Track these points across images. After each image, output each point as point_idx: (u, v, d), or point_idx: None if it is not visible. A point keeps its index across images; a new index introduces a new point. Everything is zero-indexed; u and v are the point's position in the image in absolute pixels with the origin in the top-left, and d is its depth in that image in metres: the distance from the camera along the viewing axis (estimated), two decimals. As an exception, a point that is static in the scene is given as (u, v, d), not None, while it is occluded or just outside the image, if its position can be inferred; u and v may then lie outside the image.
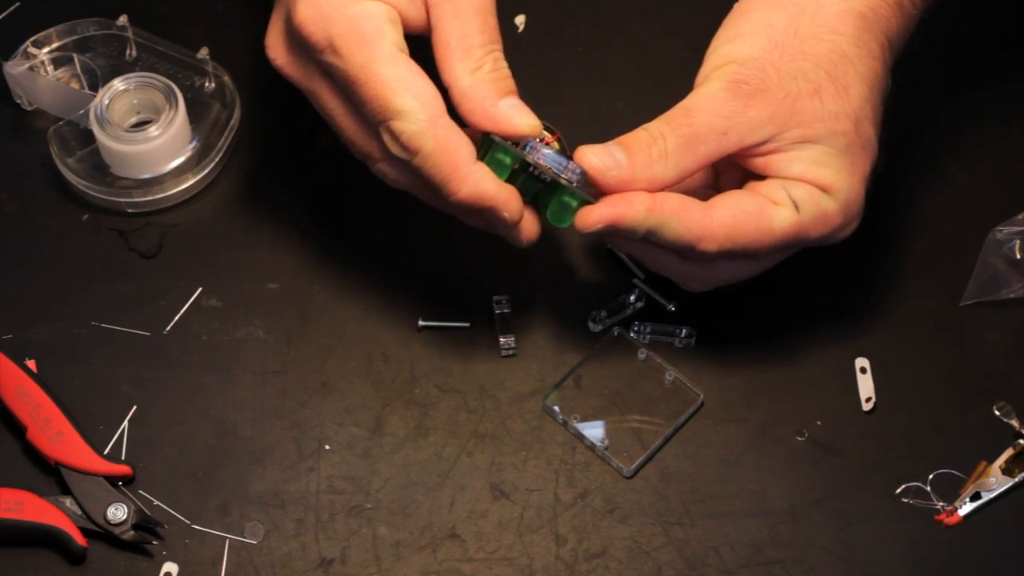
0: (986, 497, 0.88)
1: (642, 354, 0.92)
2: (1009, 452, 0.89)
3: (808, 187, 0.84)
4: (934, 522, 0.87)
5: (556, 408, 0.90)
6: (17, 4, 1.05)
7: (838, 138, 0.84)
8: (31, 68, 0.99)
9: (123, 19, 1.01)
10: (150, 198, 0.97)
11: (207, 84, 1.00)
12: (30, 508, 0.86)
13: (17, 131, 1.00)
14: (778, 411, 0.91)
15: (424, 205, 0.87)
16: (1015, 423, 0.90)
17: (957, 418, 0.90)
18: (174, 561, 0.86)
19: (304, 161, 0.99)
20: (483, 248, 0.93)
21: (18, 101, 1.00)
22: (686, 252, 0.84)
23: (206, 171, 0.98)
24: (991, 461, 0.88)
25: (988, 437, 0.89)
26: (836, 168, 0.84)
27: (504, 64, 0.84)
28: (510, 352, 0.92)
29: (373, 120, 0.82)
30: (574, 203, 0.83)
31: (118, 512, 0.86)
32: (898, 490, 0.88)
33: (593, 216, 0.83)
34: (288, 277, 0.95)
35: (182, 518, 0.87)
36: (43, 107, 1.00)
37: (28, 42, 1.00)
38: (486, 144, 0.83)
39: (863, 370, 0.92)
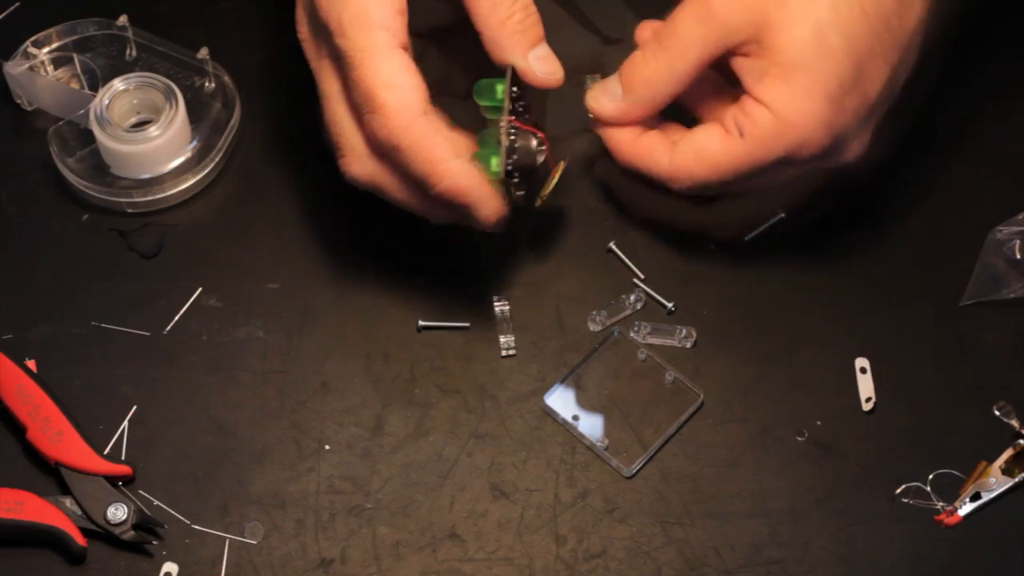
0: (986, 497, 0.88)
1: (642, 354, 0.92)
2: (1009, 452, 0.89)
3: (754, 107, 0.84)
4: (934, 522, 0.87)
5: (556, 408, 0.90)
6: (17, 4, 1.05)
7: (793, 46, 0.83)
8: (31, 68, 0.99)
9: (123, 19, 1.01)
10: (150, 198, 0.97)
11: (207, 84, 1.00)
12: (30, 508, 0.86)
13: (17, 131, 1.00)
14: (778, 411, 0.91)
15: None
16: (1015, 423, 0.90)
17: (957, 418, 0.90)
18: (174, 561, 0.86)
19: (304, 161, 0.99)
20: (483, 248, 0.93)
21: (18, 101, 1.00)
22: (668, 184, 0.88)
23: (206, 171, 0.98)
24: (991, 461, 0.88)
25: (988, 437, 0.89)
26: (787, 84, 0.83)
27: (533, 11, 0.85)
28: (510, 352, 0.92)
29: (359, 108, 0.83)
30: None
31: (118, 512, 0.86)
32: (898, 490, 0.88)
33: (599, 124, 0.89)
34: (288, 277, 0.95)
35: (182, 518, 0.87)
36: (43, 107, 1.00)
37: (28, 42, 1.00)
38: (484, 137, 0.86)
39: (863, 370, 0.92)
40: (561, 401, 0.90)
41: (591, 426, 0.90)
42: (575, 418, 0.90)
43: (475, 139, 0.86)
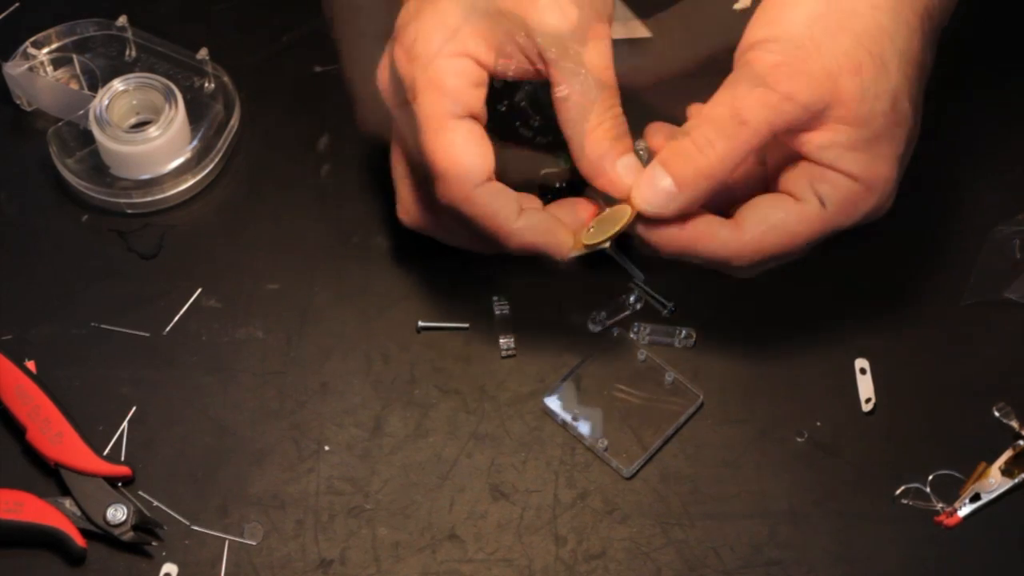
0: (986, 498, 0.87)
1: (642, 355, 0.92)
2: (1009, 453, 0.89)
3: (835, 176, 0.82)
4: (933, 523, 0.87)
5: (556, 409, 0.90)
6: (17, 4, 1.05)
7: (877, 119, 0.82)
8: (31, 69, 0.99)
9: (123, 19, 1.01)
10: (150, 199, 0.97)
11: (207, 84, 1.00)
12: (29, 509, 0.86)
13: (17, 132, 1.00)
14: (778, 412, 0.90)
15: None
16: (1015, 424, 0.90)
17: (957, 419, 0.90)
18: (174, 562, 0.86)
19: (304, 161, 0.99)
20: (483, 249, 0.93)
21: (18, 102, 1.00)
22: (720, 268, 0.85)
23: (206, 171, 0.98)
24: (991, 462, 0.88)
25: (988, 438, 0.89)
26: (871, 154, 0.82)
27: (623, 121, 0.84)
28: (510, 353, 0.92)
29: (426, 171, 0.84)
30: None
31: (117, 513, 0.86)
32: (898, 491, 0.88)
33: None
34: (288, 277, 0.95)
35: (182, 519, 0.87)
36: (43, 108, 1.00)
37: (28, 43, 1.00)
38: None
39: (863, 371, 0.92)
40: (560, 402, 0.90)
41: (590, 427, 0.90)
42: (575, 419, 0.90)
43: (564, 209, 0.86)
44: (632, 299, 0.93)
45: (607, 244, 0.84)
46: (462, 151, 0.82)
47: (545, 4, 0.82)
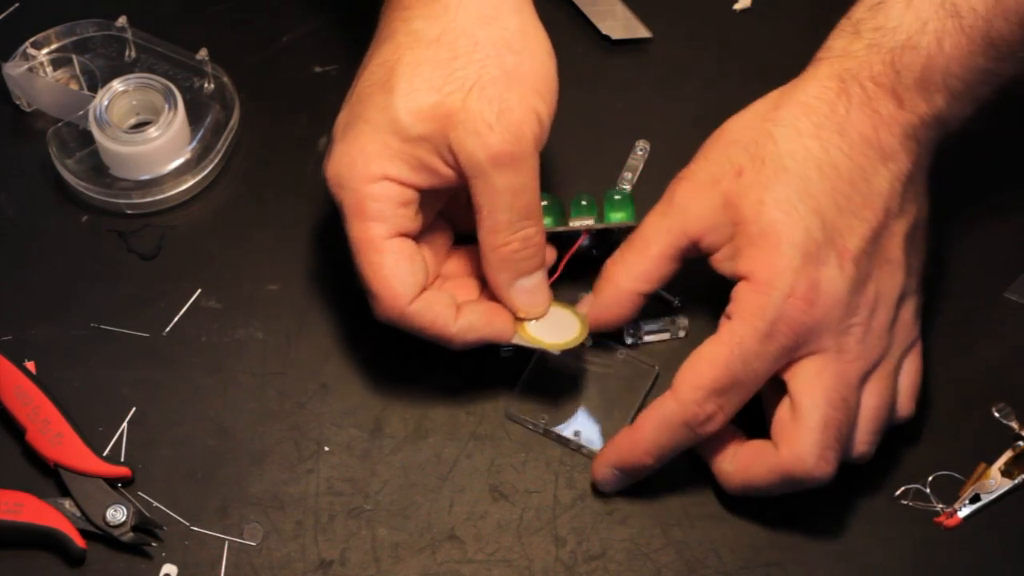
0: (985, 499, 0.87)
1: (588, 341, 0.91)
2: (1008, 454, 0.89)
3: (737, 289, 0.83)
4: (933, 524, 0.87)
5: (524, 416, 0.90)
6: (16, 5, 1.05)
7: (756, 209, 0.82)
8: (30, 69, 0.99)
9: (122, 20, 1.01)
10: (149, 199, 0.97)
11: (206, 85, 1.00)
12: (29, 510, 0.86)
13: (16, 132, 1.00)
14: (778, 412, 0.90)
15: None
16: (1014, 425, 0.90)
17: (957, 419, 0.90)
18: (173, 563, 0.86)
19: (304, 161, 0.99)
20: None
21: (17, 102, 1.00)
22: (689, 427, 0.84)
23: (205, 172, 0.98)
24: (990, 463, 0.88)
25: (987, 439, 0.89)
26: (758, 248, 0.82)
27: (535, 242, 0.86)
28: (509, 353, 0.92)
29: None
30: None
31: (117, 514, 0.86)
32: (898, 492, 0.88)
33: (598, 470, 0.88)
34: (287, 278, 0.95)
35: (181, 520, 0.87)
36: (42, 108, 1.00)
37: (27, 43, 1.00)
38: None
39: (863, 371, 0.91)
40: (524, 410, 0.90)
41: (561, 424, 0.89)
42: (543, 420, 0.90)
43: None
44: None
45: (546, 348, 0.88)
46: (391, 272, 0.84)
47: (465, 129, 0.83)
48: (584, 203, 0.93)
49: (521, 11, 0.86)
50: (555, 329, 0.88)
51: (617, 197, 0.93)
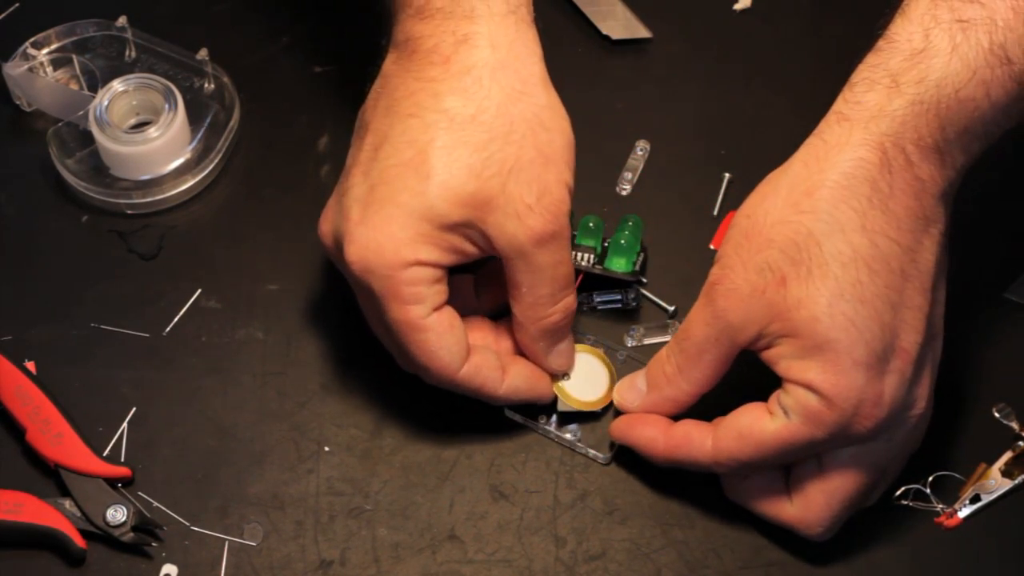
0: (986, 499, 0.87)
1: (590, 339, 0.91)
2: (1009, 454, 0.89)
3: (795, 388, 0.80)
4: (934, 524, 0.87)
5: (523, 416, 0.90)
6: (16, 5, 1.05)
7: (811, 326, 0.79)
8: (30, 69, 0.99)
9: (122, 20, 1.01)
10: (149, 199, 0.97)
11: (206, 85, 1.00)
12: (29, 510, 0.86)
13: (17, 132, 1.00)
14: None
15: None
16: (1015, 425, 0.90)
17: (957, 420, 0.90)
18: (173, 563, 0.86)
19: (304, 161, 0.99)
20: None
21: (17, 102, 1.00)
22: (711, 469, 0.85)
23: (205, 172, 0.98)
24: (991, 463, 0.88)
25: (988, 439, 0.89)
26: (820, 361, 0.79)
27: (572, 306, 0.87)
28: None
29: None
30: None
31: (117, 514, 0.86)
32: (898, 492, 0.88)
33: (615, 432, 0.88)
34: (288, 278, 0.95)
35: (181, 520, 0.87)
36: (42, 108, 1.00)
37: (27, 43, 1.00)
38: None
39: (863, 371, 0.91)
40: (524, 410, 0.90)
41: (561, 424, 0.89)
42: (542, 419, 0.90)
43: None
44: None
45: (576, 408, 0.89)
46: (437, 347, 0.84)
47: (505, 214, 0.82)
48: (592, 225, 0.92)
49: (546, 83, 0.85)
50: (583, 378, 0.90)
51: (622, 242, 0.92)
